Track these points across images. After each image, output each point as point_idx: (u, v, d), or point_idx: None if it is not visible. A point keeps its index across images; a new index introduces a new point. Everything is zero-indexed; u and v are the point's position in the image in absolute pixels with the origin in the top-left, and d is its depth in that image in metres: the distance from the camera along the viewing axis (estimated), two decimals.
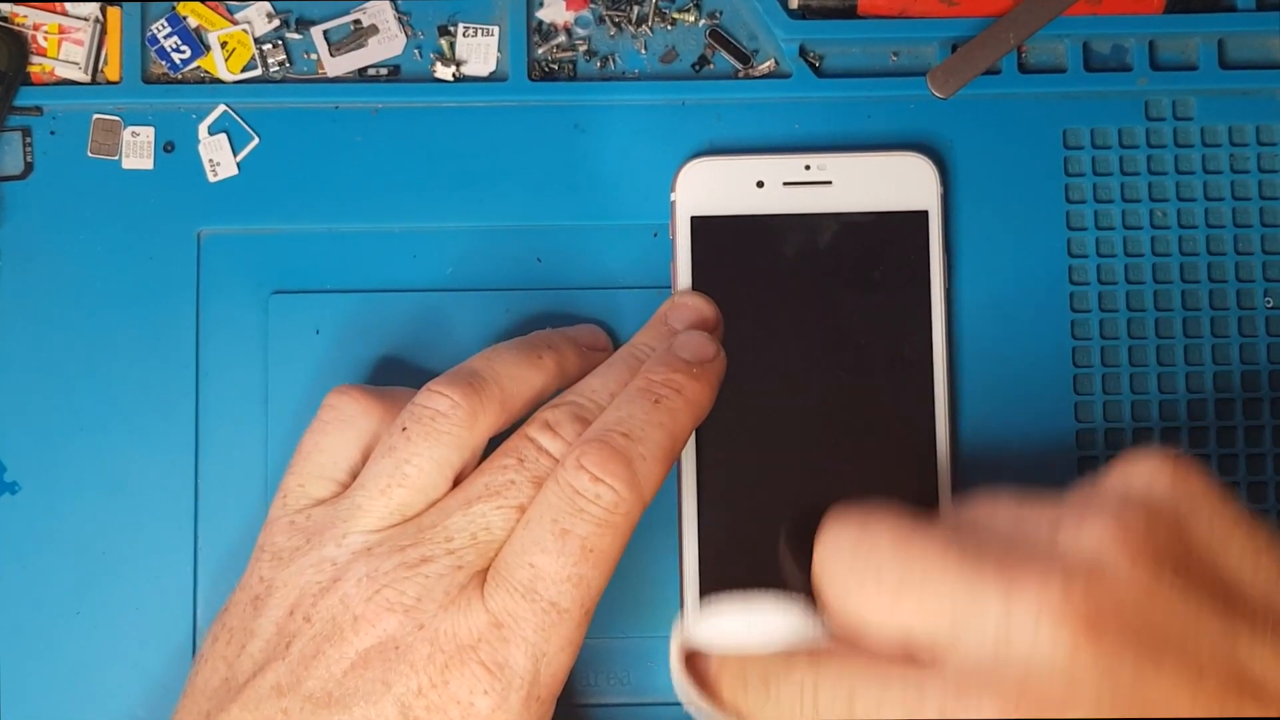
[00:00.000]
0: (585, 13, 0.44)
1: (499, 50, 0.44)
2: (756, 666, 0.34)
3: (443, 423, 0.36)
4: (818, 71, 0.44)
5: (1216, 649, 0.28)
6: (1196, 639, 0.28)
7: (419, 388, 0.37)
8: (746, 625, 0.35)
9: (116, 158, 0.43)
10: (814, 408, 0.41)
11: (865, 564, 0.31)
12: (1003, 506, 0.32)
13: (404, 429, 0.36)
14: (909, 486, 0.41)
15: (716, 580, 0.40)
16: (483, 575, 0.35)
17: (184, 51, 0.44)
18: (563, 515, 0.35)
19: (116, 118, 0.43)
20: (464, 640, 0.34)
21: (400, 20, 0.44)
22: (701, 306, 0.40)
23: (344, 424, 0.38)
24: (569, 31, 0.44)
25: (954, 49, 0.43)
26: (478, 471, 0.36)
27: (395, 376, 0.42)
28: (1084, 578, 0.28)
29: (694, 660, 0.36)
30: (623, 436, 0.35)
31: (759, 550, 0.40)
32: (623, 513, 0.35)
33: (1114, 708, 0.27)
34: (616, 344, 0.42)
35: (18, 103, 0.43)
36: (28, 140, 0.43)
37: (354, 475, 0.38)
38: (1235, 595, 0.29)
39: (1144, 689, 0.27)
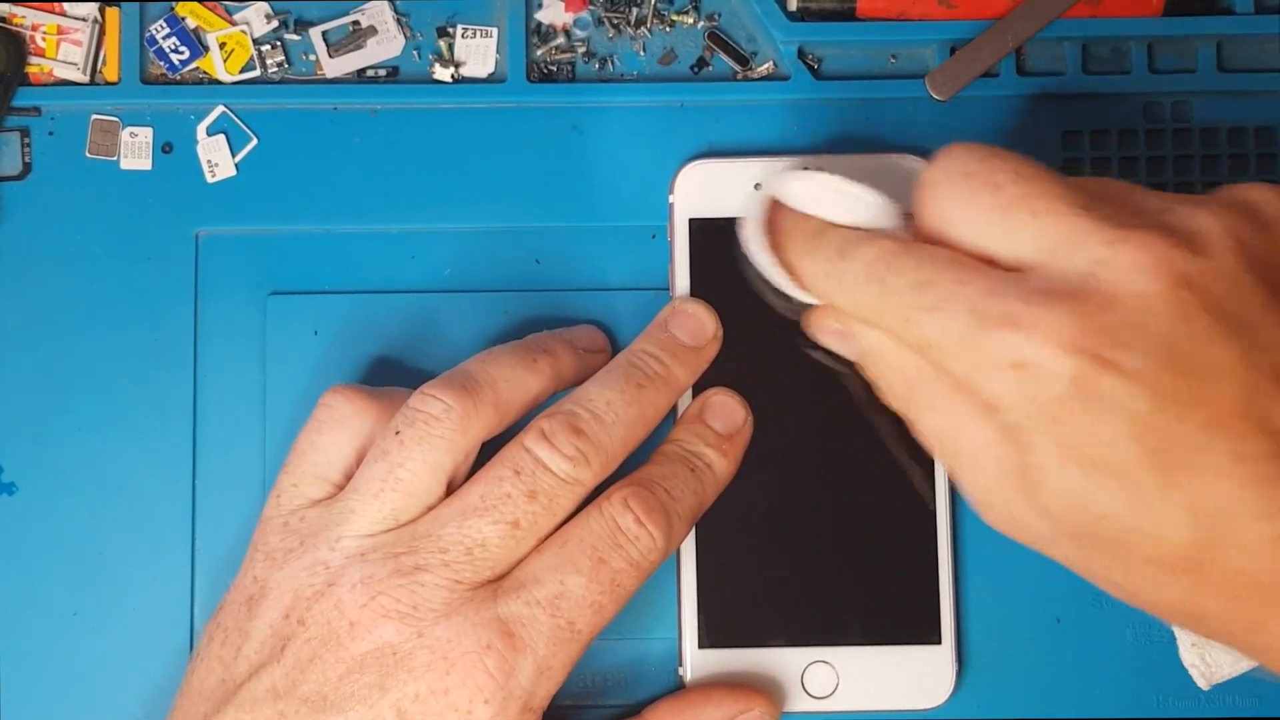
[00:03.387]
0: (584, 14, 0.44)
1: (498, 52, 0.44)
2: (835, 232, 0.35)
3: (436, 426, 0.36)
4: (816, 74, 0.44)
5: (1276, 350, 0.30)
6: (1263, 335, 0.30)
7: (415, 389, 0.37)
8: (833, 195, 0.37)
9: (115, 158, 0.43)
10: (811, 410, 0.41)
11: (983, 179, 0.32)
12: (1117, 182, 0.34)
13: (397, 432, 0.36)
14: (907, 484, 0.41)
15: (715, 582, 0.40)
16: (486, 588, 0.35)
17: (182, 52, 0.44)
18: (601, 545, 0.36)
19: (115, 118, 0.43)
20: (469, 647, 0.34)
21: (399, 21, 0.44)
22: (702, 314, 0.40)
23: (339, 424, 0.38)
24: (568, 33, 0.44)
25: (953, 51, 0.43)
26: (473, 480, 0.36)
27: (393, 377, 0.42)
28: (1187, 245, 0.30)
29: (771, 215, 0.37)
30: (665, 493, 0.37)
31: (757, 552, 0.40)
32: (652, 560, 0.36)
33: (1168, 356, 0.29)
34: (615, 345, 0.42)
35: (16, 103, 0.43)
36: (26, 141, 0.43)
37: (348, 476, 0.38)
38: None
39: (1203, 350, 0.29)
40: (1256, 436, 0.29)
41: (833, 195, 0.37)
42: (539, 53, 0.44)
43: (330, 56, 0.44)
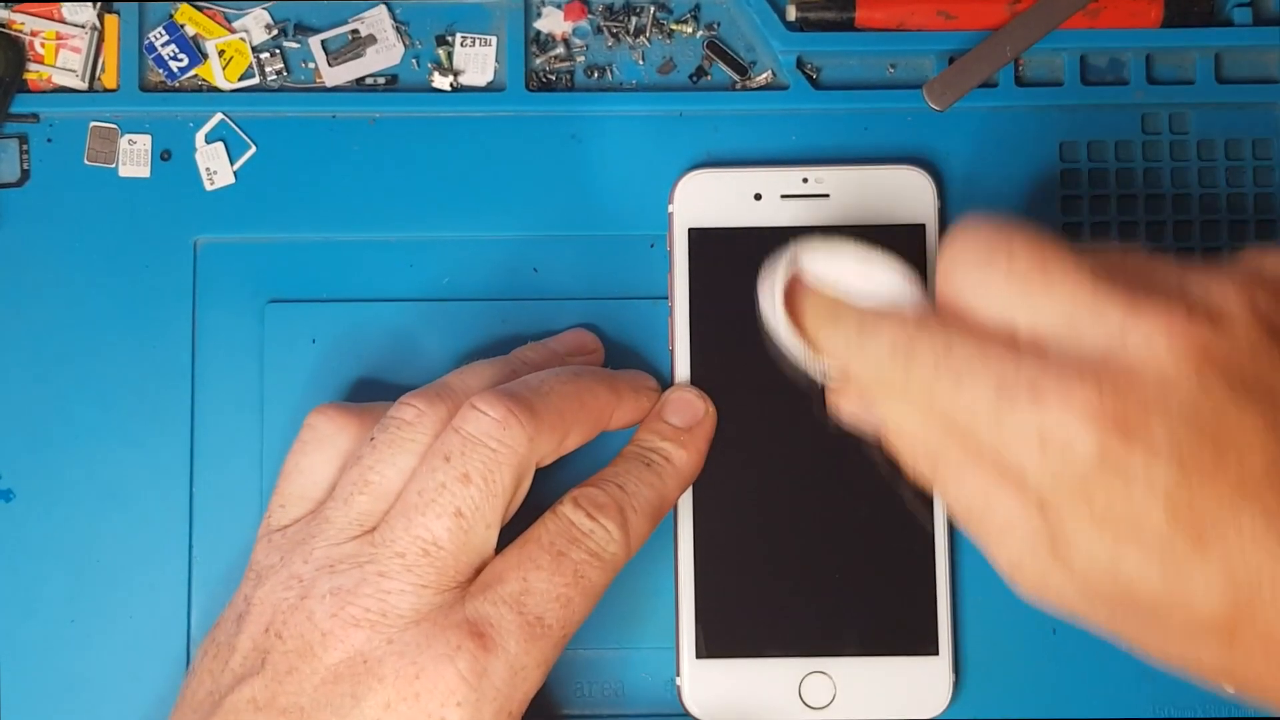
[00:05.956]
0: (583, 23, 0.44)
1: (497, 60, 0.44)
2: (852, 309, 0.35)
3: (408, 430, 0.37)
4: (815, 83, 0.44)
5: None
6: None
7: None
8: (852, 270, 0.36)
9: (113, 165, 0.43)
10: (808, 421, 0.41)
11: (999, 251, 0.32)
12: (1134, 252, 0.33)
13: (372, 439, 0.37)
14: (902, 498, 0.41)
15: (713, 592, 0.40)
16: (455, 591, 0.35)
17: (181, 60, 0.44)
18: (559, 540, 0.36)
19: (113, 125, 0.43)
20: (439, 651, 0.34)
21: (398, 30, 0.44)
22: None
23: (321, 443, 0.38)
24: (567, 42, 0.44)
25: (951, 61, 0.43)
26: (412, 476, 0.36)
27: (391, 386, 0.42)
28: (1206, 317, 0.30)
29: (789, 291, 0.37)
30: (618, 488, 0.37)
31: (755, 562, 0.40)
32: (612, 552, 0.37)
33: (1191, 428, 0.29)
34: (608, 351, 0.42)
35: (14, 110, 0.43)
36: (24, 147, 0.43)
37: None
38: None
39: (1226, 419, 0.30)
40: None
41: (852, 266, 0.37)
42: (538, 61, 0.44)
43: (329, 65, 0.44)
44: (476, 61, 0.44)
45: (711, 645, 0.40)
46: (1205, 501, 0.29)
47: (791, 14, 0.44)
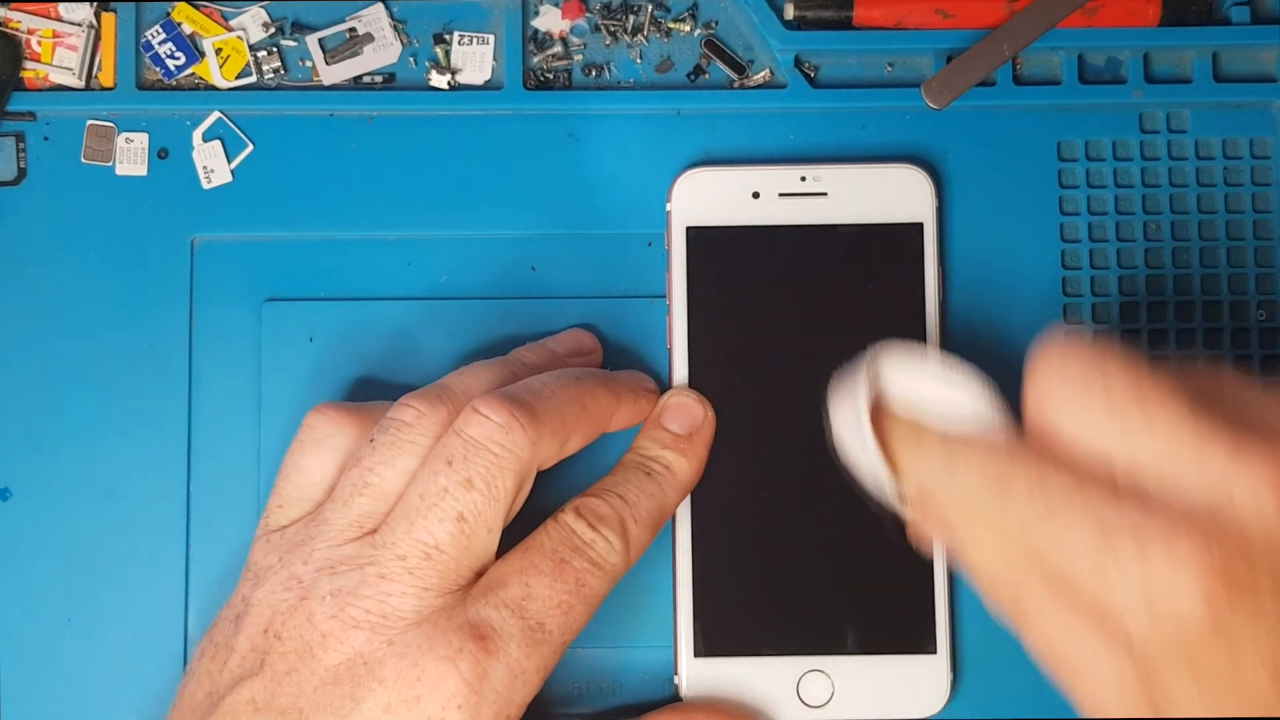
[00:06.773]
0: (581, 22, 0.44)
1: (494, 59, 0.44)
2: (939, 433, 0.34)
3: (407, 432, 0.36)
4: (813, 82, 0.44)
5: None
6: None
7: (400, 400, 0.37)
8: (936, 388, 0.35)
9: (110, 164, 0.43)
10: (807, 420, 0.41)
11: (1095, 382, 0.31)
12: (1230, 379, 0.32)
13: (372, 440, 0.37)
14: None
15: (711, 591, 0.40)
16: (457, 594, 0.35)
17: (178, 58, 0.43)
18: (561, 548, 0.36)
19: (110, 124, 0.43)
20: (441, 653, 0.34)
21: (395, 28, 0.44)
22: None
23: (320, 444, 0.38)
24: (564, 40, 0.44)
25: (949, 60, 0.43)
26: (413, 479, 0.36)
27: (388, 385, 0.42)
28: None
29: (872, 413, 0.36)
30: (619, 499, 0.38)
31: (753, 561, 0.40)
32: (613, 562, 0.37)
33: None
34: (606, 350, 0.42)
35: (11, 108, 0.43)
36: (21, 146, 0.43)
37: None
38: None
39: None
40: None
41: (932, 382, 0.35)
42: (536, 60, 0.44)
43: (327, 63, 0.44)
44: (474, 60, 0.44)
45: (709, 644, 0.40)
46: None
47: (789, 12, 0.44)
